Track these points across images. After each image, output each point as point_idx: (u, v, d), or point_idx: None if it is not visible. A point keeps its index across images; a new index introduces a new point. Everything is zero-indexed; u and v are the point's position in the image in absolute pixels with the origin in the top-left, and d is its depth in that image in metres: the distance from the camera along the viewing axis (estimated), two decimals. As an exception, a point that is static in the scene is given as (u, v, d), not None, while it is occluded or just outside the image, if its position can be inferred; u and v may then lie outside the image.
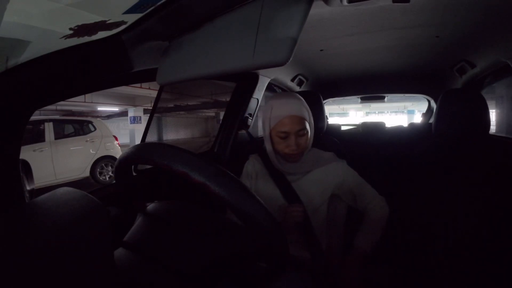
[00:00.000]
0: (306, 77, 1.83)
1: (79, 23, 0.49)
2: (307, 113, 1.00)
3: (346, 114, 17.90)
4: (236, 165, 1.18)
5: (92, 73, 0.61)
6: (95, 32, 0.53)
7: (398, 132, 1.93)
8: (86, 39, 0.56)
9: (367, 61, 1.56)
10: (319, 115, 1.31)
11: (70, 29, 0.49)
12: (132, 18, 0.54)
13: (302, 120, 0.97)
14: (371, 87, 2.06)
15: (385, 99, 2.21)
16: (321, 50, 1.35)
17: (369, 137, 1.84)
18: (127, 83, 0.75)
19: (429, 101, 2.16)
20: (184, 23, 0.60)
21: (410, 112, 15.91)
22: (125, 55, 0.61)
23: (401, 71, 1.75)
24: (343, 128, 2.15)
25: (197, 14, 0.59)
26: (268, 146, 1.03)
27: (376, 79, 1.89)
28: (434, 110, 1.20)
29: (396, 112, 17.77)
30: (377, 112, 18.39)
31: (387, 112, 18.25)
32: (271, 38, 0.46)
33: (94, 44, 0.57)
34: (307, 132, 0.99)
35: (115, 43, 0.59)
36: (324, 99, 1.88)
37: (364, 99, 2.25)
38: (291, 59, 0.43)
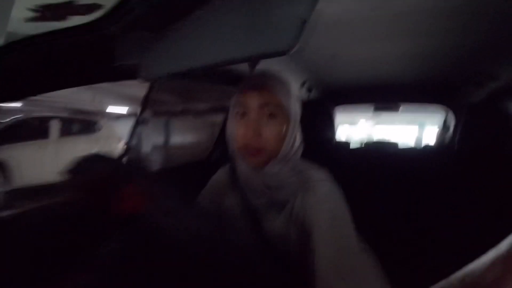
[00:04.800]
0: (315, 84, 1.73)
1: (42, 3, 0.41)
2: (281, 90, 0.66)
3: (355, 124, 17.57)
4: None
5: (64, 67, 0.53)
6: (64, 17, 0.45)
7: (413, 155, 1.78)
8: (56, 25, 0.48)
9: (382, 68, 1.46)
10: (325, 126, 1.19)
11: (30, 9, 0.41)
12: (109, 1, 0.46)
13: (269, 93, 0.65)
14: (385, 96, 1.94)
15: (399, 109, 2.08)
16: (334, 55, 1.25)
17: (379, 160, 1.69)
18: (111, 79, 0.67)
19: (445, 115, 2.02)
20: (173, 10, 0.52)
21: (421, 125, 15.60)
22: (104, 47, 0.53)
23: (419, 80, 1.64)
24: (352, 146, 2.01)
25: None
26: (231, 142, 0.72)
27: (391, 87, 1.78)
28: (453, 126, 1.10)
29: (407, 124, 17.45)
30: (387, 123, 18.09)
31: (398, 123, 17.92)
32: (274, 20, 0.36)
33: (66, 32, 0.49)
34: (278, 115, 0.65)
35: (92, 32, 0.51)
36: (334, 108, 1.78)
37: (377, 109, 2.12)
38: (298, 47, 0.33)
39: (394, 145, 1.86)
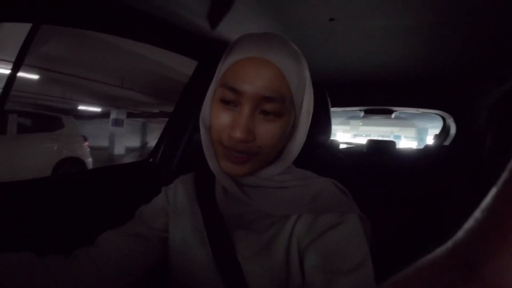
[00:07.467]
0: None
1: None
2: (293, 75, 0.46)
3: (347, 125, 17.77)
4: None
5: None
6: None
7: (412, 155, 1.59)
8: None
9: (375, 66, 1.26)
10: (323, 119, 0.86)
11: None
12: None
13: (277, 78, 0.44)
14: (378, 99, 1.74)
15: (393, 114, 1.86)
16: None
17: (375, 159, 1.51)
18: None
19: (444, 120, 1.84)
20: None
21: (396, 138, 15.94)
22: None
23: (418, 81, 1.44)
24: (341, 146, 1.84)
25: None
26: (202, 130, 0.54)
27: (385, 89, 1.59)
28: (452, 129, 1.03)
29: (383, 136, 17.82)
30: (364, 135, 18.42)
31: (374, 136, 18.27)
32: None
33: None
34: (285, 114, 0.47)
35: None
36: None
37: (369, 112, 1.89)
38: None
39: (391, 143, 1.69)
